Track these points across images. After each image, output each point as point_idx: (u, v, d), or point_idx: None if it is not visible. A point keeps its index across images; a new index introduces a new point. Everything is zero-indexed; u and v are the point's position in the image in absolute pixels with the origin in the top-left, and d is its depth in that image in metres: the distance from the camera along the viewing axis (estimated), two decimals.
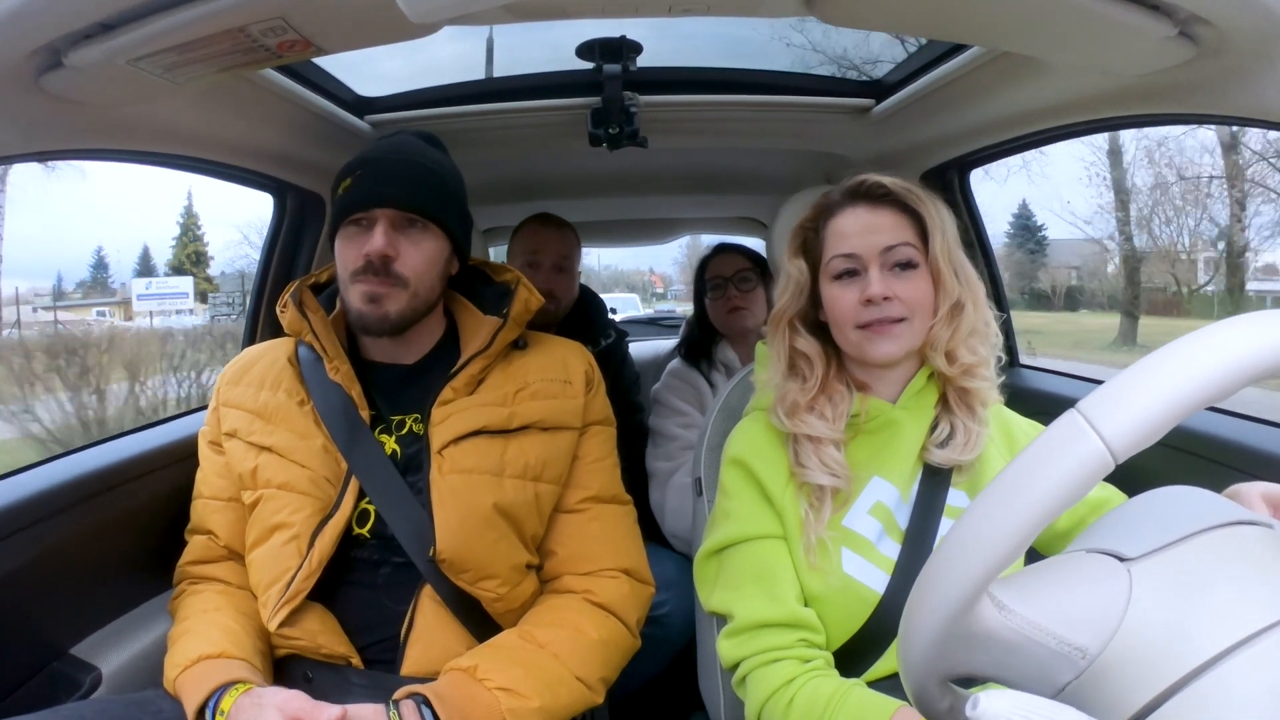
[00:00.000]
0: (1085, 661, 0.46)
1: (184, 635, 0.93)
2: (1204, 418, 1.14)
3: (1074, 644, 0.46)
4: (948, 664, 0.49)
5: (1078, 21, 0.81)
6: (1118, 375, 0.43)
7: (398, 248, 0.98)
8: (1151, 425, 0.41)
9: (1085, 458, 0.41)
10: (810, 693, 0.84)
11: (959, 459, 0.94)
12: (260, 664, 0.92)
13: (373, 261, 0.97)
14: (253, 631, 0.95)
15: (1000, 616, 0.47)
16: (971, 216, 1.67)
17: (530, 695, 0.87)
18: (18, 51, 0.78)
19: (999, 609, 0.47)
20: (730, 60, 1.57)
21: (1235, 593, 0.45)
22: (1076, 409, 0.42)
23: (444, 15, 0.81)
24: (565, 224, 1.84)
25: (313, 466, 0.97)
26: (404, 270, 0.98)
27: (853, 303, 0.93)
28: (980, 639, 0.47)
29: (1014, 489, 0.43)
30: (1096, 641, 0.45)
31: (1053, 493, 0.42)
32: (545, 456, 1.02)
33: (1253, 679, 0.41)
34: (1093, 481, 0.41)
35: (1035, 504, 0.42)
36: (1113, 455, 0.41)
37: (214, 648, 0.90)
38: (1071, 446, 0.42)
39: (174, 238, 19.34)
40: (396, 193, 0.99)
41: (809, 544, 0.91)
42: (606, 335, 1.84)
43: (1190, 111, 0.95)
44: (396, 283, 0.98)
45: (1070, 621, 0.46)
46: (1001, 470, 0.45)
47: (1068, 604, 0.47)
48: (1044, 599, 0.47)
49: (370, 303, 0.97)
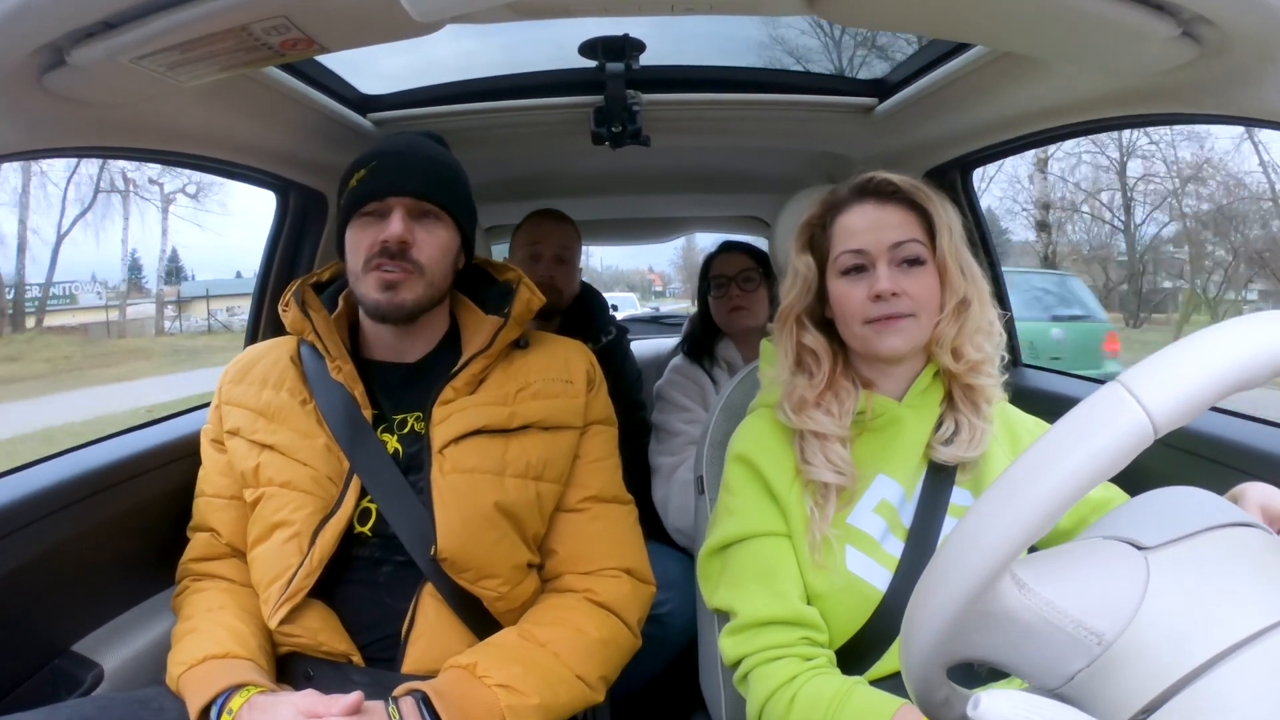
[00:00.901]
0: (1100, 648, 0.45)
1: (189, 634, 0.94)
2: (1206, 417, 1.14)
3: (1091, 629, 0.45)
4: (957, 645, 0.48)
5: (1081, 21, 0.81)
6: (1161, 351, 0.43)
7: (414, 235, 0.99)
8: (1194, 400, 0.40)
9: (1128, 428, 0.41)
10: (812, 691, 0.84)
11: (964, 456, 0.94)
12: (265, 663, 0.92)
13: (390, 247, 0.97)
14: (257, 630, 0.95)
15: (1020, 596, 0.46)
16: (974, 216, 1.67)
17: (529, 693, 0.87)
18: (20, 50, 0.78)
19: (1019, 588, 0.46)
20: (733, 59, 1.57)
21: (1249, 588, 0.45)
22: (1119, 380, 0.42)
23: (447, 13, 0.81)
24: (565, 217, 1.87)
25: (315, 465, 0.97)
26: (420, 257, 0.99)
27: (861, 298, 0.93)
28: (997, 619, 0.47)
29: (1053, 457, 0.43)
30: (1113, 628, 0.45)
31: (1093, 462, 0.41)
32: (546, 456, 1.02)
33: (1263, 675, 0.41)
34: (1133, 453, 0.41)
35: (1074, 472, 0.41)
36: (1154, 428, 0.40)
37: (220, 648, 0.90)
38: (1114, 416, 0.41)
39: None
40: (413, 183, 1.00)
41: (813, 541, 0.91)
42: (607, 332, 1.85)
43: (1193, 112, 0.95)
44: (413, 269, 0.99)
45: (1089, 606, 0.46)
46: (1037, 439, 0.44)
47: (1087, 588, 0.47)
48: (1065, 581, 0.47)
49: (387, 289, 0.98)
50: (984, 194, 10.89)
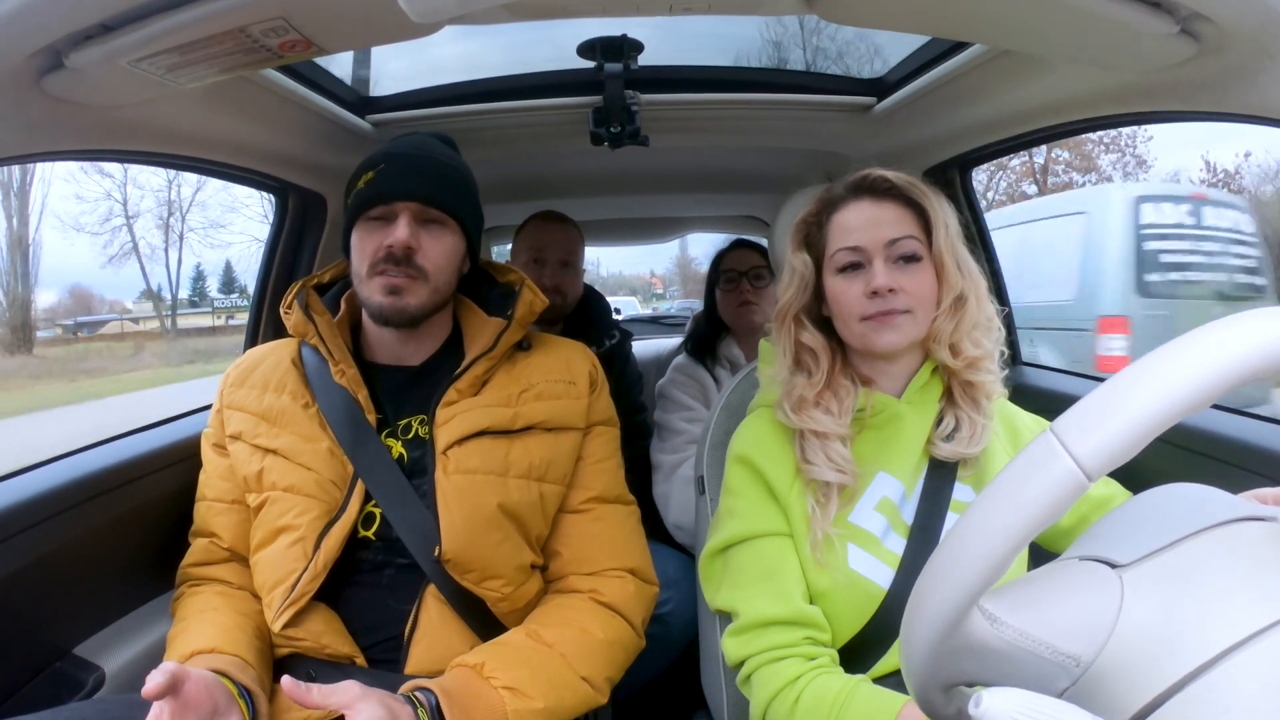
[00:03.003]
0: (1079, 669, 0.46)
1: (181, 634, 0.93)
2: (1206, 415, 1.14)
3: (1066, 653, 0.46)
4: (947, 673, 0.50)
5: (1079, 19, 0.81)
6: (1093, 391, 0.43)
7: (419, 240, 0.99)
8: (1124, 445, 0.41)
9: (1058, 479, 0.42)
10: (816, 690, 0.84)
11: (964, 452, 0.94)
12: (255, 661, 0.91)
13: (395, 253, 0.97)
14: (249, 630, 0.95)
15: (992, 629, 0.47)
16: (973, 213, 1.67)
17: (535, 696, 0.87)
18: (19, 53, 0.78)
19: (990, 621, 0.47)
20: (731, 59, 1.57)
21: (1234, 593, 0.45)
22: (1050, 429, 0.43)
23: (445, 15, 0.81)
24: (569, 220, 1.85)
25: (319, 469, 0.97)
26: (425, 263, 0.99)
27: (857, 295, 0.93)
28: (974, 650, 0.48)
29: (992, 510, 0.44)
30: (1089, 650, 0.46)
31: (1028, 514, 0.43)
32: (549, 457, 1.02)
33: (1252, 679, 0.41)
34: (1069, 502, 0.42)
35: (1013, 526, 0.43)
36: (1086, 475, 0.41)
37: (207, 643, 0.89)
38: (1045, 468, 0.42)
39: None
40: (420, 188, 1.00)
41: (815, 540, 0.91)
42: (611, 336, 1.84)
43: (1192, 109, 0.94)
44: (418, 275, 0.99)
45: (1061, 631, 0.46)
46: (982, 490, 0.46)
47: (1059, 614, 0.47)
48: (1035, 610, 0.48)
49: (391, 294, 0.98)
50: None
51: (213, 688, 0.79)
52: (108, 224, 16.42)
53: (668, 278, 23.58)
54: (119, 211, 14.42)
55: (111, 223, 16.02)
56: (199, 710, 0.76)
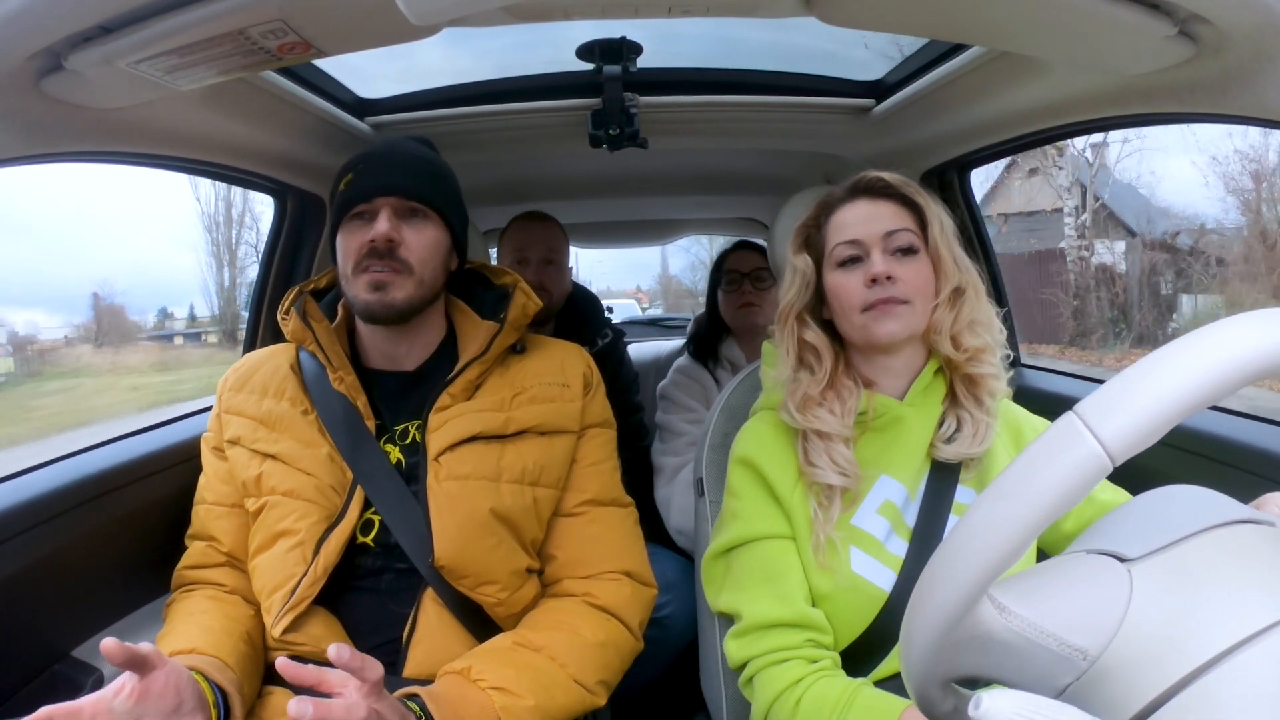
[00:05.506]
0: (1086, 663, 0.45)
1: (166, 635, 0.93)
2: (1207, 417, 1.14)
3: (1074, 646, 0.46)
4: (949, 666, 0.49)
5: (1077, 21, 0.81)
6: (1116, 376, 0.43)
7: (401, 233, 0.99)
8: (1149, 427, 0.40)
9: (1082, 461, 0.41)
10: (818, 693, 0.84)
11: (968, 452, 0.94)
12: (236, 665, 0.89)
13: (377, 246, 0.97)
14: (235, 634, 0.94)
15: (1000, 618, 0.47)
16: (972, 215, 1.67)
17: (524, 694, 0.86)
18: (18, 54, 0.78)
19: (999, 611, 0.47)
20: (730, 61, 1.57)
21: (1237, 592, 0.44)
22: (1074, 411, 0.42)
23: (444, 17, 0.80)
24: (550, 218, 1.84)
25: (318, 474, 0.97)
26: (409, 256, 0.99)
27: (857, 286, 0.94)
28: (980, 641, 0.47)
29: (1012, 491, 0.43)
30: (1097, 643, 0.45)
31: (1050, 495, 0.42)
32: (543, 461, 1.02)
33: (1255, 678, 0.41)
34: (1090, 484, 0.41)
35: (1033, 507, 0.42)
36: (1110, 458, 0.40)
37: (187, 644, 0.89)
38: (1069, 449, 0.41)
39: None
40: (399, 182, 1.00)
41: (818, 543, 0.91)
42: (603, 335, 1.84)
43: (1190, 111, 0.95)
44: (402, 269, 0.98)
45: (1070, 623, 0.46)
46: (1001, 472, 0.45)
47: (1068, 606, 0.47)
48: (1044, 601, 0.47)
49: (376, 290, 0.97)
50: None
51: (183, 686, 0.77)
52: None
53: (652, 292, 23.98)
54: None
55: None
56: (161, 703, 0.74)
